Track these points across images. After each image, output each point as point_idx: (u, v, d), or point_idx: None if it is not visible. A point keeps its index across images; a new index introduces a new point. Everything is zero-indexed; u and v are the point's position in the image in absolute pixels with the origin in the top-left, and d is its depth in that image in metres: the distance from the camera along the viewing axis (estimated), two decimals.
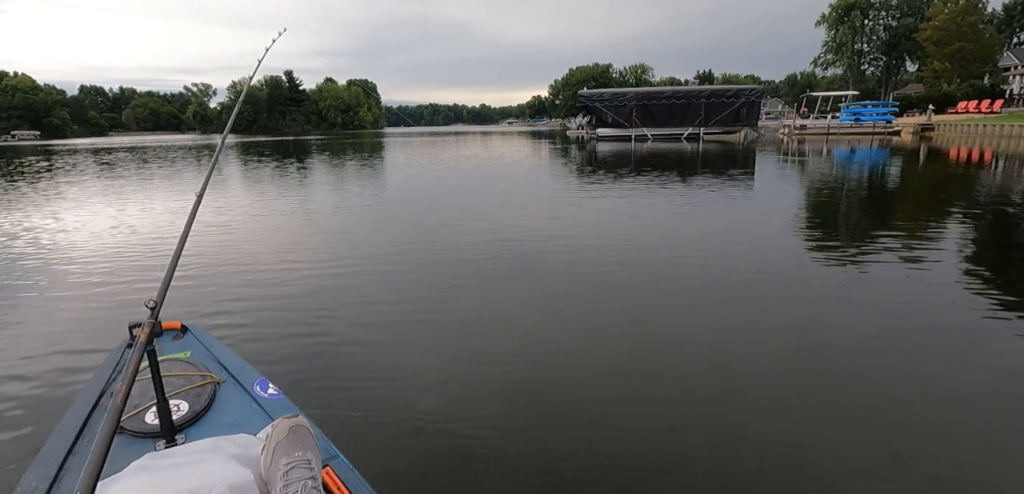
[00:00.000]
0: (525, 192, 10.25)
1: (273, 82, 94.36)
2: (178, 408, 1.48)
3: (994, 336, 3.26)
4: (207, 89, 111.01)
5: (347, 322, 3.64)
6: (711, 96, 29.28)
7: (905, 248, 5.24)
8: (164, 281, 1.24)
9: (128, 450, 1.31)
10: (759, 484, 1.99)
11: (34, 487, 1.21)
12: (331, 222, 7.69)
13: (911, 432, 2.28)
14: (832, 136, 27.85)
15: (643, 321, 3.63)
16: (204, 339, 1.97)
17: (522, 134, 51.34)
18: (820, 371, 2.83)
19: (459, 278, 4.61)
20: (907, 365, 2.89)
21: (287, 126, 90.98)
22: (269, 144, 36.41)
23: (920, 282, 4.34)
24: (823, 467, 2.08)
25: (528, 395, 2.62)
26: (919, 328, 3.41)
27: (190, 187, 12.06)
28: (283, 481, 1.07)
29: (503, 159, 19.40)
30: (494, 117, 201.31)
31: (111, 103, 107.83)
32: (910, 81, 55.25)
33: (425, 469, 2.09)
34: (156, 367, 1.29)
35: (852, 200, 8.88)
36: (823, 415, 2.40)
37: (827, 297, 4.03)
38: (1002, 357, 2.98)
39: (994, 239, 5.92)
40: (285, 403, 1.57)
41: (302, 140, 45.27)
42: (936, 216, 7.19)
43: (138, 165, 19.12)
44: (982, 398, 2.55)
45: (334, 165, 17.91)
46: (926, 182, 11.12)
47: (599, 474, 2.04)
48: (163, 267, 4.01)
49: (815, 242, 5.89)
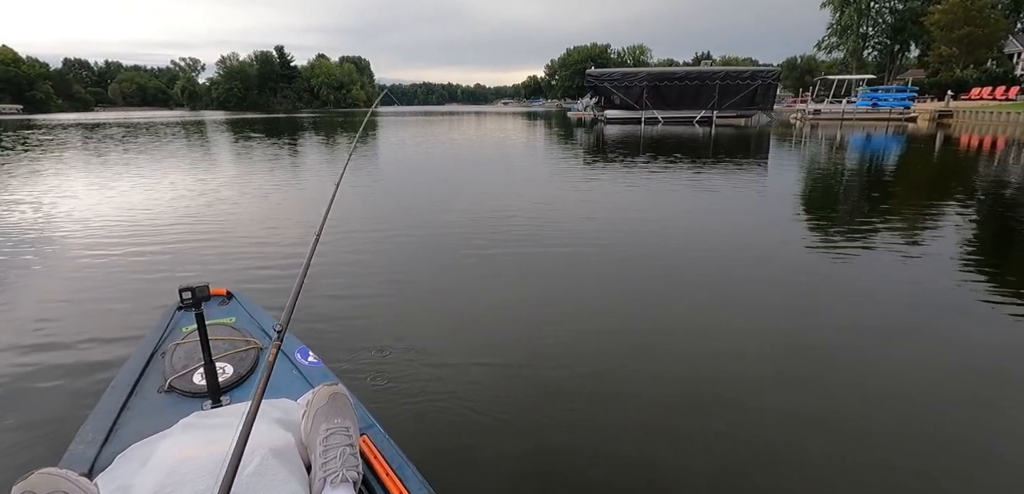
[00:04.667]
0: (550, 178, 9.68)
1: (264, 58, 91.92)
2: (223, 371, 1.50)
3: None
4: (195, 64, 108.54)
5: (379, 297, 3.75)
6: (726, 78, 28.16)
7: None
8: (294, 290, 1.15)
9: (177, 408, 1.38)
10: (758, 461, 2.04)
11: (91, 438, 1.26)
12: (351, 200, 7.51)
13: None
14: (846, 121, 27.09)
15: (666, 304, 3.68)
16: (248, 306, 2.02)
17: (518, 115, 50.40)
18: (827, 365, 2.79)
19: (492, 259, 4.62)
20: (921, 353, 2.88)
21: (278, 103, 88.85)
22: (261, 122, 35.10)
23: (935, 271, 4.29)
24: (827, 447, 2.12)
25: (554, 373, 2.68)
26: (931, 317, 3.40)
27: (207, 163, 12.11)
28: (322, 446, 1.10)
29: (510, 142, 18.66)
30: (489, 97, 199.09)
31: (96, 77, 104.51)
32: (911, 67, 54.60)
33: (455, 443, 2.13)
34: (204, 331, 1.32)
35: (881, 193, 8.20)
36: (824, 402, 2.44)
37: (847, 299, 3.74)
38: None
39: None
40: (324, 371, 1.60)
41: (295, 118, 44.35)
42: (968, 213, 6.53)
43: (150, 139, 18.43)
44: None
45: (337, 144, 17.14)
46: (959, 177, 10.29)
47: (613, 451, 2.09)
48: (202, 238, 5.18)
49: (832, 235, 5.53)
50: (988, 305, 3.54)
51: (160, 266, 4.45)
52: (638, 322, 3.39)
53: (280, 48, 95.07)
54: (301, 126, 29.17)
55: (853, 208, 6.90)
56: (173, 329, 1.84)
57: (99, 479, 1.09)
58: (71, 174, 10.19)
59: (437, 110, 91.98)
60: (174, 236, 5.43)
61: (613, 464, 2.02)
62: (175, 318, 1.90)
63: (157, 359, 1.65)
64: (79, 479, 0.99)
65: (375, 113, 64.94)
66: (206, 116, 52.56)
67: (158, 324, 1.87)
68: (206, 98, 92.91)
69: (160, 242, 5.20)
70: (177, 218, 6.24)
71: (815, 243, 5.21)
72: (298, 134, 22.35)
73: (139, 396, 1.47)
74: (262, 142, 17.91)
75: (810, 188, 8.66)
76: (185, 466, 1.03)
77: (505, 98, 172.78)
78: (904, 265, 4.45)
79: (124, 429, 1.32)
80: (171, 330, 1.83)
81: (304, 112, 67.08)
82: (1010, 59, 42.34)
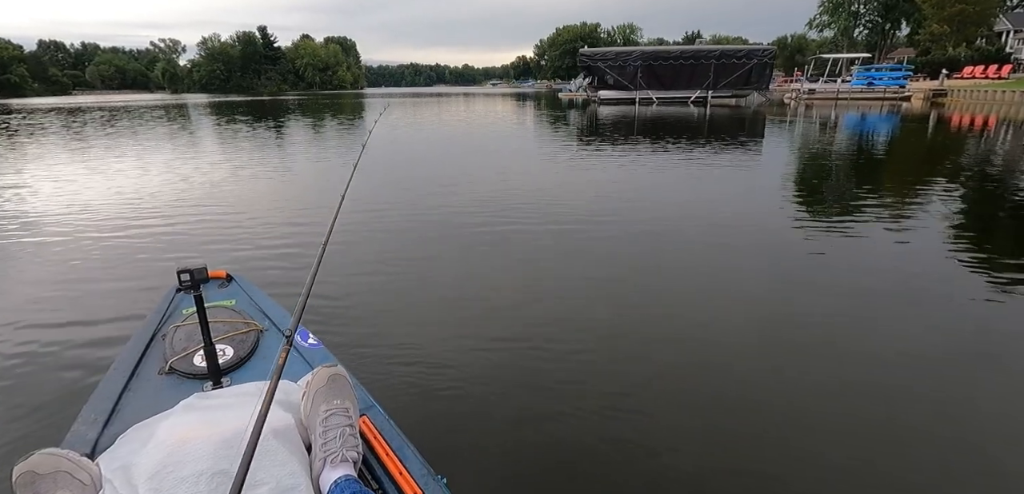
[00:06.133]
0: (545, 161, 9.50)
1: (246, 39, 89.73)
2: (223, 353, 1.50)
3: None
4: (175, 45, 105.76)
5: (378, 279, 3.75)
6: (721, 57, 27.76)
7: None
8: (304, 293, 1.13)
9: (178, 389, 1.39)
10: (747, 436, 2.06)
11: (93, 419, 1.27)
12: (345, 183, 7.34)
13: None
14: (841, 101, 26.92)
15: (661, 284, 3.70)
16: (248, 288, 2.02)
17: (508, 97, 50.05)
18: (815, 342, 2.81)
19: (490, 242, 4.60)
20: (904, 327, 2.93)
21: (262, 85, 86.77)
22: (246, 105, 34.23)
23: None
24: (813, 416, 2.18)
25: (553, 352, 2.69)
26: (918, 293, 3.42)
27: (198, 147, 12.11)
28: (322, 427, 1.11)
29: (502, 125, 18.28)
30: (477, 78, 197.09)
31: (73, 60, 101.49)
32: (901, 45, 54.54)
33: (454, 423, 2.15)
34: (203, 313, 1.32)
35: (878, 174, 8.10)
36: (809, 377, 2.47)
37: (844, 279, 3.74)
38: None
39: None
40: (324, 353, 1.60)
41: (280, 100, 43.57)
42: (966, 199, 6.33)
43: (136, 123, 17.87)
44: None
45: (326, 127, 16.69)
46: (958, 158, 10.05)
47: (611, 427, 2.10)
48: (200, 221, 5.37)
49: (823, 216, 5.47)
50: (977, 282, 3.60)
51: (158, 249, 4.47)
52: (636, 302, 3.39)
53: (263, 28, 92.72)
54: (287, 109, 28.61)
55: (849, 189, 6.81)
56: (173, 311, 1.84)
57: (101, 459, 1.09)
58: (61, 159, 10.16)
59: (425, 92, 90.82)
60: (171, 219, 5.42)
61: (611, 439, 2.04)
62: (175, 300, 1.90)
63: (157, 341, 1.65)
64: (81, 459, 1.00)
65: (362, 95, 64.40)
66: (189, 99, 51.54)
67: (158, 306, 1.86)
68: (188, 81, 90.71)
69: (157, 225, 5.20)
70: (174, 202, 6.25)
71: (811, 223, 5.19)
72: (285, 117, 21.80)
73: (140, 378, 1.48)
74: (251, 126, 17.50)
75: (806, 169, 8.57)
76: (186, 446, 1.03)
77: (494, 79, 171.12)
78: (899, 246, 4.45)
79: (125, 410, 1.32)
80: (171, 312, 1.83)
81: (289, 94, 66.34)
82: (999, 37, 42.45)
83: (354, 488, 1.03)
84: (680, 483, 1.84)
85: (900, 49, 52.45)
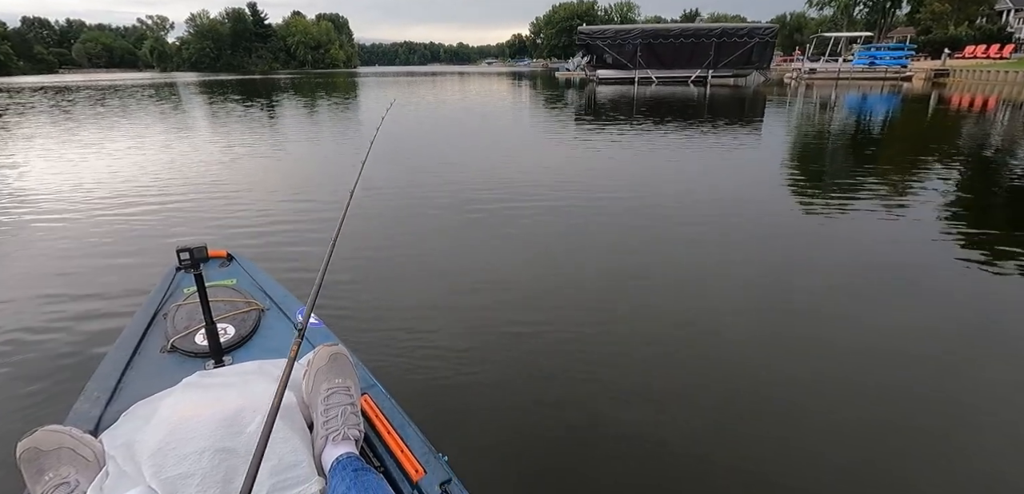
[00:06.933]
0: (547, 142, 9.37)
1: (236, 16, 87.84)
2: (225, 332, 1.51)
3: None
4: (163, 22, 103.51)
5: (380, 260, 3.72)
6: (722, 36, 27.35)
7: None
8: (315, 287, 1.10)
9: (180, 368, 1.39)
10: (737, 409, 2.12)
11: (95, 397, 1.28)
12: (346, 164, 7.61)
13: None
14: (842, 81, 26.63)
15: (662, 265, 3.69)
16: (249, 268, 2.02)
17: (503, 76, 49.50)
18: (806, 316, 2.90)
19: (492, 223, 4.59)
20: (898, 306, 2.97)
21: (253, 64, 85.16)
22: (238, 84, 33.57)
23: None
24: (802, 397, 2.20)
25: (554, 331, 2.68)
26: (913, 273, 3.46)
27: (193, 127, 11.92)
28: (324, 405, 1.11)
29: (500, 106, 18.00)
30: (472, 57, 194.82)
31: (58, 37, 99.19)
32: (900, 24, 54.02)
33: (457, 401, 2.14)
34: (204, 291, 1.32)
35: (879, 158, 7.90)
36: (801, 352, 2.54)
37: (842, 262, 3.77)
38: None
39: None
40: (326, 332, 1.60)
41: (272, 79, 42.94)
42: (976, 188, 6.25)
43: (128, 102, 17.45)
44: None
45: (321, 107, 16.32)
46: (964, 141, 9.84)
47: (612, 405, 2.12)
48: (201, 200, 5.46)
49: (823, 198, 5.49)
50: (973, 263, 3.62)
51: (158, 228, 4.47)
52: (638, 283, 3.38)
53: (252, 5, 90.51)
54: (280, 88, 28.13)
55: (850, 171, 6.79)
56: (174, 290, 1.84)
57: (103, 436, 1.09)
58: (54, 138, 10.06)
59: (419, 70, 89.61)
60: (170, 199, 5.41)
61: (611, 419, 2.04)
62: (176, 280, 1.91)
63: (159, 320, 1.66)
64: (83, 436, 1.01)
65: (355, 74, 63.50)
66: (179, 78, 50.67)
67: (159, 285, 1.87)
68: (177, 59, 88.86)
69: (156, 205, 5.19)
70: (172, 181, 6.23)
71: (811, 205, 5.22)
72: (279, 97, 21.37)
73: (142, 356, 1.48)
74: (244, 106, 17.14)
75: (808, 151, 8.58)
76: (188, 424, 1.02)
77: (489, 57, 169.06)
78: (898, 228, 4.46)
79: (128, 388, 1.32)
80: (172, 291, 1.83)
81: (281, 73, 65.60)
82: (1000, 16, 42.11)
83: (356, 465, 1.03)
84: (681, 458, 1.86)
85: (900, 28, 51.92)
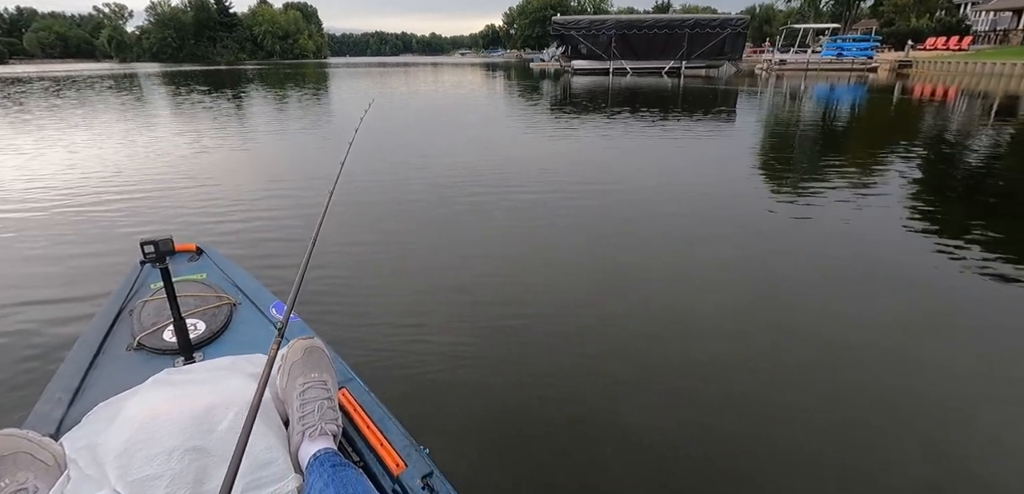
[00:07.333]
0: (525, 134, 9.26)
1: (199, 4, 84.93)
2: (195, 327, 1.48)
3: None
4: (122, 10, 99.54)
5: (356, 252, 3.66)
6: (695, 27, 27.56)
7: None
8: (294, 288, 1.07)
9: (147, 365, 1.35)
10: (713, 392, 2.17)
11: (57, 398, 1.23)
12: (319, 155, 7.40)
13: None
14: (811, 71, 27.15)
15: (638, 257, 3.68)
16: (220, 261, 1.97)
17: (477, 66, 49.19)
18: (778, 304, 2.96)
19: (470, 215, 4.54)
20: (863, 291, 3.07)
21: (218, 54, 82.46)
22: (203, 75, 32.43)
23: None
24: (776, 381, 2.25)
25: (532, 327, 2.67)
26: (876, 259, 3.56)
27: (157, 118, 11.40)
28: (299, 400, 1.08)
29: (475, 96, 17.78)
30: (445, 47, 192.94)
31: (7, 26, 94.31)
32: (864, 16, 55.39)
33: (437, 395, 2.13)
34: (171, 286, 1.28)
35: (845, 145, 8.30)
36: (773, 339, 2.59)
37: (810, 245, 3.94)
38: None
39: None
40: (301, 326, 1.57)
41: (238, 70, 41.69)
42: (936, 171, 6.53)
43: (87, 94, 16.52)
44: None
45: (291, 98, 15.85)
46: (923, 129, 10.21)
47: (587, 395, 2.15)
48: (169, 194, 5.29)
49: (793, 186, 5.62)
50: (936, 250, 3.74)
51: (123, 223, 4.30)
52: (615, 272, 3.40)
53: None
54: (248, 79, 27.23)
55: (819, 159, 7.01)
56: (140, 286, 1.79)
57: (65, 439, 1.04)
58: (4, 132, 9.61)
59: (392, 61, 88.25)
60: (135, 193, 5.23)
61: (591, 409, 2.06)
62: (142, 275, 1.85)
63: (125, 317, 1.60)
64: (43, 439, 0.97)
65: (325, 64, 62.18)
66: (139, 69, 48.72)
67: (124, 281, 1.80)
68: (137, 49, 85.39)
69: (121, 199, 5.00)
70: (137, 175, 6.03)
71: (783, 194, 5.34)
72: (246, 88, 20.68)
73: (107, 355, 1.43)
74: (211, 97, 16.51)
75: (777, 141, 8.78)
76: (156, 423, 0.98)
77: (463, 48, 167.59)
78: (863, 215, 4.56)
79: (92, 388, 1.27)
80: (138, 287, 1.78)
81: (248, 64, 63.60)
82: (958, 9, 43.55)
83: (334, 461, 0.99)
84: (656, 448, 1.86)
85: (864, 20, 53.24)
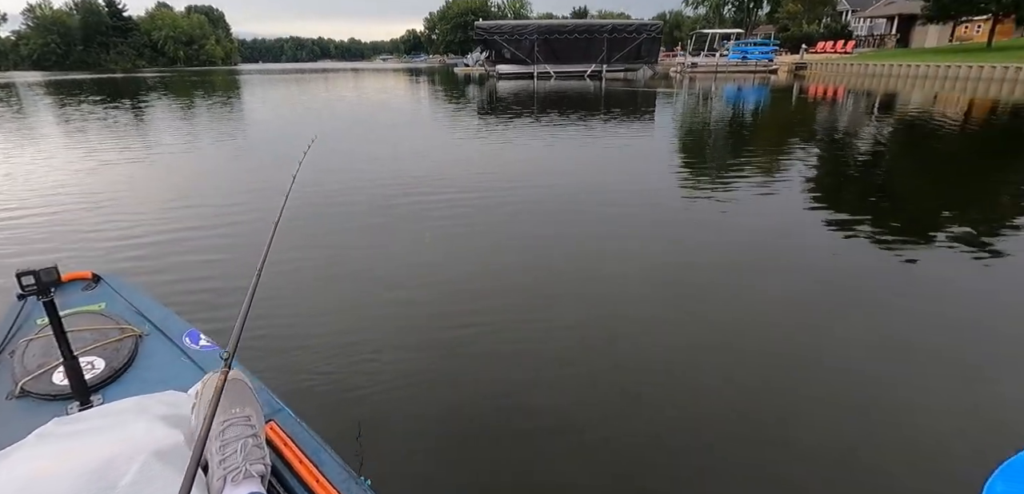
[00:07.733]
0: (451, 139, 9.31)
1: (87, 8, 77.58)
2: (92, 366, 1.34)
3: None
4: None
5: (282, 273, 3.38)
6: (614, 31, 28.66)
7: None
8: (240, 318, 0.96)
9: (35, 414, 1.19)
10: (644, 379, 2.30)
11: None
12: (238, 171, 6.98)
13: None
14: (720, 74, 28.96)
15: (565, 256, 3.79)
16: (121, 288, 1.80)
17: (400, 72, 48.29)
18: (700, 286, 3.25)
19: (395, 226, 4.46)
20: (775, 277, 3.38)
21: (112, 61, 75.62)
22: (93, 84, 29.60)
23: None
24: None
25: (471, 343, 2.62)
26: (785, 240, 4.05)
27: (41, 134, 10.26)
28: (220, 441, 0.96)
29: (401, 103, 17.63)
30: (365, 52, 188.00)
31: None
32: (762, 23, 59.97)
33: (372, 418, 2.04)
34: (58, 320, 1.14)
35: (752, 138, 9.36)
36: (694, 321, 2.82)
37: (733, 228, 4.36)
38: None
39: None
40: (218, 355, 1.44)
41: (136, 78, 38.56)
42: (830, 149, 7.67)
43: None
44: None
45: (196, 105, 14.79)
46: (820, 119, 11.62)
47: (521, 401, 2.17)
48: (60, 218, 4.66)
49: (711, 177, 6.10)
50: (832, 230, 4.20)
51: (2, 253, 3.87)
52: (548, 277, 3.46)
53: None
54: (147, 87, 25.19)
55: (726, 152, 7.68)
56: (23, 323, 1.58)
57: None
58: None
59: (309, 67, 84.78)
60: (17, 218, 4.69)
61: (533, 427, 2.04)
62: (24, 310, 1.63)
63: (4, 359, 1.41)
64: None
65: (236, 71, 58.71)
66: (17, 77, 43.79)
67: (3, 320, 1.59)
68: (14, 56, 76.74)
69: (1, 225, 4.50)
70: (19, 198, 5.41)
71: (695, 185, 5.79)
72: (145, 96, 19.11)
73: None
74: (104, 108, 15.09)
75: (691, 137, 9.50)
76: (41, 483, 0.85)
77: (384, 54, 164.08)
78: (769, 201, 5.07)
79: None
80: (20, 325, 1.58)
81: (147, 71, 58.99)
82: (842, 16, 48.11)
83: None
84: (598, 460, 1.87)
85: (762, 26, 57.60)
